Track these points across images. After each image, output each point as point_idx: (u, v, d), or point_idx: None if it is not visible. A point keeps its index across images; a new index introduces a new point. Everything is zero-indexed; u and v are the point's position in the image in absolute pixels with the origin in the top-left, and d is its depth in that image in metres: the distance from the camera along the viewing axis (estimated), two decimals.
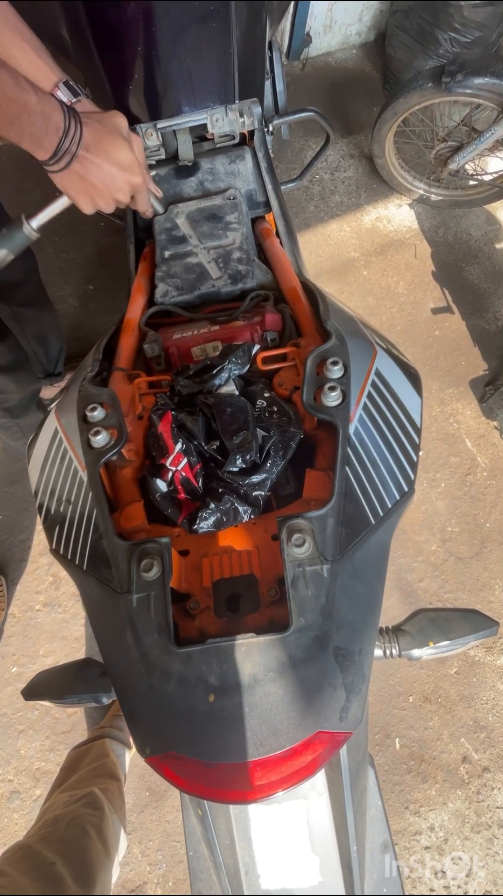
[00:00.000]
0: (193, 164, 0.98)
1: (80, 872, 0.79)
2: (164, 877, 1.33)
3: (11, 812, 1.39)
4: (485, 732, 1.43)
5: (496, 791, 1.37)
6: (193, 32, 0.81)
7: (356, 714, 0.46)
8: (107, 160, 0.71)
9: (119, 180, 0.73)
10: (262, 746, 0.44)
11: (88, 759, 1.16)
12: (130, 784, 1.37)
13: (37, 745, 1.44)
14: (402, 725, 1.44)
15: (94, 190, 0.73)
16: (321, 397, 0.59)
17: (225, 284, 0.87)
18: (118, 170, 0.72)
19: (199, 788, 0.46)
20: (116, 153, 0.72)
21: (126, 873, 1.32)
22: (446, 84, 1.59)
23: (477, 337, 1.90)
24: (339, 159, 2.24)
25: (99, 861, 0.85)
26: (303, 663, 0.46)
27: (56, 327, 1.59)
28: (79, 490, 0.61)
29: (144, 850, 1.35)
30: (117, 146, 0.72)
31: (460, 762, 1.40)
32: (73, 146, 0.67)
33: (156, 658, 0.48)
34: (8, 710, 1.47)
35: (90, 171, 0.70)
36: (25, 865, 0.77)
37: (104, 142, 0.70)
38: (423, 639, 0.57)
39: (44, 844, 0.83)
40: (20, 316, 1.41)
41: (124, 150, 0.72)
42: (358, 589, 0.50)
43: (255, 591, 0.54)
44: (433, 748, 1.42)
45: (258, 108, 0.92)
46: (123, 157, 0.72)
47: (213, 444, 0.60)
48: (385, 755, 1.41)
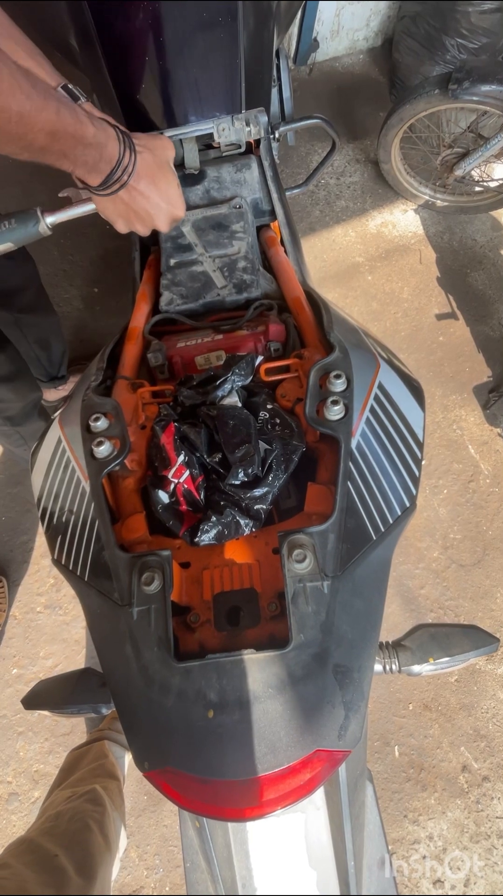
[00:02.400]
0: (199, 172, 0.98)
1: (82, 865, 0.80)
2: (161, 881, 1.33)
3: (10, 814, 1.39)
4: (486, 741, 1.42)
5: (496, 801, 1.37)
6: (201, 42, 0.81)
7: (355, 732, 0.47)
8: (155, 193, 0.71)
9: (164, 213, 0.74)
10: (261, 764, 0.44)
11: (88, 759, 1.16)
12: (128, 788, 1.37)
13: (36, 747, 1.44)
14: (402, 733, 1.43)
15: (136, 217, 0.73)
16: (324, 411, 0.59)
17: (230, 293, 0.87)
18: (165, 203, 0.73)
19: (196, 805, 0.46)
20: (166, 187, 0.72)
21: (123, 877, 1.32)
22: (453, 91, 1.59)
23: (481, 343, 1.90)
24: (345, 164, 2.24)
25: (100, 855, 0.86)
26: (302, 680, 0.46)
27: (58, 331, 1.59)
28: (81, 500, 0.61)
29: (142, 854, 1.35)
30: (167, 180, 0.73)
31: (460, 771, 1.40)
32: (124, 176, 0.67)
33: (155, 672, 0.48)
34: (8, 711, 1.48)
35: (136, 200, 0.71)
36: (28, 858, 0.78)
37: (156, 175, 0.71)
38: (423, 655, 0.57)
39: (46, 838, 0.84)
40: (21, 322, 1.41)
41: (173, 184, 0.74)
42: (358, 605, 0.50)
43: (256, 605, 0.54)
44: (433, 756, 1.41)
45: (265, 118, 0.92)
46: (172, 191, 0.73)
47: (215, 457, 0.60)
48: (384, 763, 1.40)
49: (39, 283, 1.45)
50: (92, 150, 0.61)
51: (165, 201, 0.73)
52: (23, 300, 1.39)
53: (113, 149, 0.64)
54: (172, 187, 0.74)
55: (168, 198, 0.73)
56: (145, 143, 0.71)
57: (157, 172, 0.71)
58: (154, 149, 0.72)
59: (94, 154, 0.62)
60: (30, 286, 1.40)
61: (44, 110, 0.53)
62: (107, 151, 0.63)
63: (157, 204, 0.72)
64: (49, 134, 0.55)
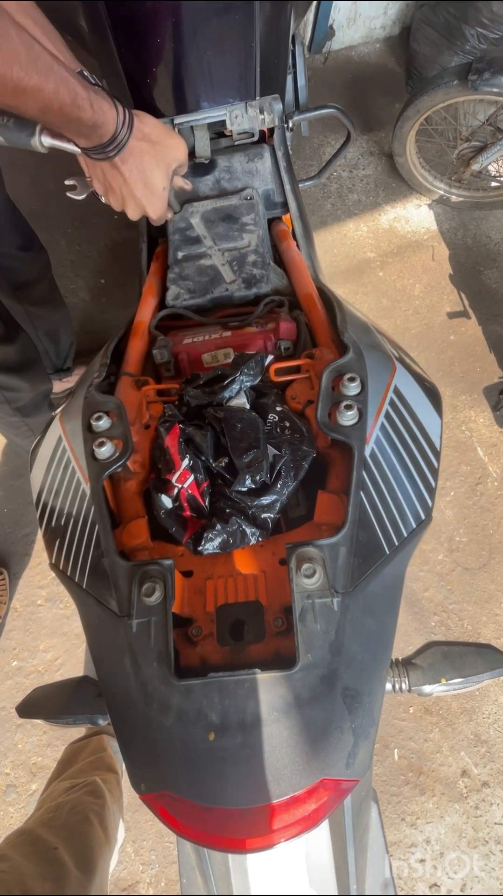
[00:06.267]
0: (210, 161, 0.95)
1: (82, 858, 0.80)
2: (157, 877, 1.33)
3: (7, 806, 1.39)
4: (486, 747, 1.41)
5: (495, 807, 1.35)
6: (215, 25, 0.78)
7: (364, 760, 0.44)
8: (137, 181, 0.71)
9: (136, 204, 0.74)
10: (263, 792, 0.42)
11: (86, 752, 1.16)
12: (126, 782, 1.37)
13: (34, 739, 1.44)
14: (402, 736, 1.42)
15: (109, 191, 0.74)
16: (336, 415, 0.57)
17: (239, 289, 0.84)
18: (141, 195, 0.72)
19: (194, 833, 0.44)
20: (151, 181, 0.72)
21: (119, 872, 1.32)
22: (473, 82, 1.54)
23: (493, 343, 1.86)
24: (359, 156, 2.19)
25: (100, 848, 0.86)
26: (309, 704, 0.44)
27: (67, 324, 1.58)
28: (81, 503, 0.59)
29: (138, 849, 1.35)
30: (156, 177, 0.72)
31: (459, 776, 1.39)
32: (111, 152, 0.67)
33: (154, 689, 0.46)
34: (7, 703, 1.47)
35: (115, 178, 0.71)
36: (28, 850, 0.77)
37: (145, 165, 0.70)
38: (435, 675, 0.55)
39: (46, 829, 0.84)
40: (33, 314, 1.41)
41: (159, 184, 0.73)
42: (369, 624, 0.48)
43: (261, 619, 0.52)
44: (432, 761, 1.40)
45: (279, 105, 0.89)
46: (155, 189, 0.73)
47: (221, 462, 0.57)
48: (383, 766, 1.39)
49: (52, 275, 1.44)
50: (85, 129, 0.62)
51: (143, 194, 0.72)
52: (35, 293, 1.38)
53: (108, 130, 0.64)
54: (157, 186, 0.73)
55: (147, 194, 0.72)
56: (153, 134, 0.70)
57: (148, 163, 0.70)
58: (160, 142, 0.71)
59: (87, 132, 0.63)
60: (42, 279, 1.39)
61: (41, 89, 0.54)
62: (102, 131, 0.64)
63: (132, 192, 0.72)
64: (41, 109, 0.56)
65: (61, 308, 1.52)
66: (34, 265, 1.34)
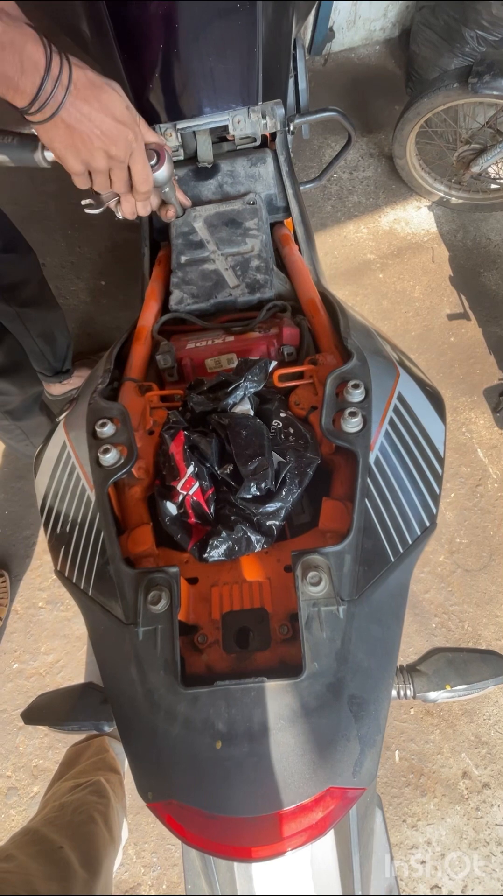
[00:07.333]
0: (213, 166, 0.95)
1: (87, 857, 0.80)
2: (159, 879, 1.33)
3: (9, 808, 1.39)
4: (487, 748, 1.41)
5: (496, 808, 1.36)
6: (218, 30, 0.78)
7: (370, 769, 0.44)
8: (101, 110, 0.60)
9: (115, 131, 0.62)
10: (270, 801, 0.42)
11: (88, 753, 1.16)
12: (126, 784, 1.37)
13: (36, 742, 1.44)
14: (403, 738, 1.42)
15: (85, 146, 0.61)
16: (341, 422, 0.57)
17: (242, 293, 0.84)
18: (113, 121, 0.61)
19: (201, 841, 0.44)
20: (111, 103, 0.61)
21: (121, 874, 1.32)
22: (473, 85, 1.54)
23: (493, 345, 1.87)
24: (359, 158, 2.19)
25: (105, 847, 0.86)
26: (315, 712, 0.44)
27: (62, 324, 1.56)
28: (86, 510, 0.59)
29: (139, 851, 1.35)
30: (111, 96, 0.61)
31: (460, 777, 1.39)
32: (58, 91, 0.55)
33: (160, 697, 0.46)
34: (8, 706, 1.47)
35: (82, 122, 0.59)
36: (33, 849, 0.77)
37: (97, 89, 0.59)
38: (440, 681, 0.55)
39: (51, 829, 0.84)
40: (24, 316, 1.39)
41: (119, 102, 0.62)
42: (375, 632, 0.48)
43: (266, 626, 0.52)
44: (433, 762, 1.40)
45: (281, 110, 0.89)
46: (118, 109, 0.61)
47: (226, 468, 0.57)
48: (384, 767, 1.39)
49: (41, 276, 1.42)
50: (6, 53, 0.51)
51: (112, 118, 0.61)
52: (25, 294, 1.36)
53: (35, 52, 0.53)
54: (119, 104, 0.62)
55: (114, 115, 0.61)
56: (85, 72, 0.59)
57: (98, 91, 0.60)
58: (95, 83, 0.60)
59: (11, 60, 0.51)
60: (31, 280, 1.38)
61: None
62: (27, 56, 0.52)
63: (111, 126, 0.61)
64: None
65: (54, 309, 1.50)
66: (19, 267, 1.32)
